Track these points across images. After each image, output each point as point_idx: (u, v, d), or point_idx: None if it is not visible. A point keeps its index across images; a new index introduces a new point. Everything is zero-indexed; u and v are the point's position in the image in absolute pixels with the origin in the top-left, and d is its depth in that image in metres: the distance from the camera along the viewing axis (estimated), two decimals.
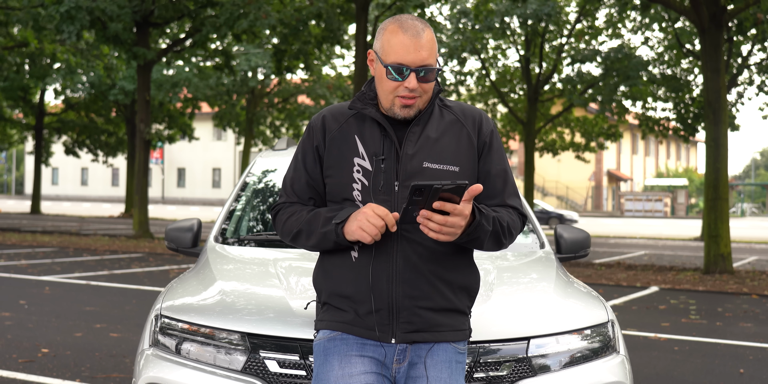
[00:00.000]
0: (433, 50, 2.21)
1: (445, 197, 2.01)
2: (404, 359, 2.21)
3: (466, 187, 2.00)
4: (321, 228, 2.20)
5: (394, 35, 2.19)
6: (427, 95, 2.24)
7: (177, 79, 27.66)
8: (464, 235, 2.11)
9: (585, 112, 30.51)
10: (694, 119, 21.75)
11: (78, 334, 6.85)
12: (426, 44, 2.19)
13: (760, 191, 66.85)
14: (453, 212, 2.02)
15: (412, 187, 1.96)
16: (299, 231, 2.26)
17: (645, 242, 22.90)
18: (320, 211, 2.25)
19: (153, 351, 2.80)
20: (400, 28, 2.19)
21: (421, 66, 2.18)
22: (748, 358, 6.45)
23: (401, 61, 2.17)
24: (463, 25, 22.94)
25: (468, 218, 2.06)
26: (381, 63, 2.21)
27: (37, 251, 15.37)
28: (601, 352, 2.81)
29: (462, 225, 2.05)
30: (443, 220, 2.02)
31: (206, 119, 53.97)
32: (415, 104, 2.22)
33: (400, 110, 2.22)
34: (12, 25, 22.75)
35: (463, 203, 2.03)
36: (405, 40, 2.18)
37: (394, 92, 2.20)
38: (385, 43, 2.21)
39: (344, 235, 2.15)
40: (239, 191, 4.19)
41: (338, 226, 2.16)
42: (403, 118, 2.23)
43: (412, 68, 2.17)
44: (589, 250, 4.00)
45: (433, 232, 2.05)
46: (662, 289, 11.13)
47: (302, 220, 2.26)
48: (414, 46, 2.17)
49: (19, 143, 41.67)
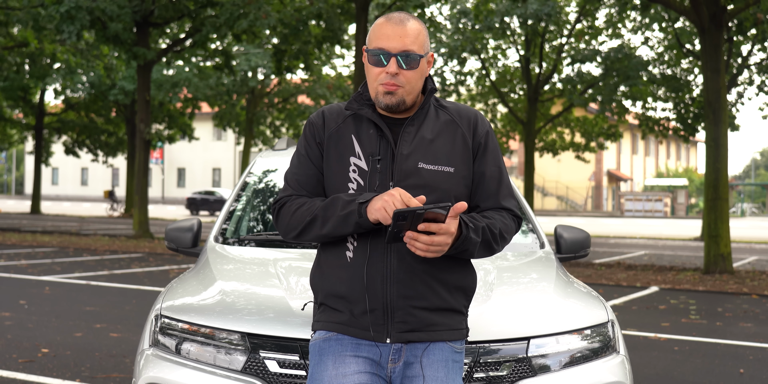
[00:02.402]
0: (418, 39, 2.22)
1: (430, 217, 2.03)
2: (399, 359, 2.22)
3: (449, 207, 2.02)
4: (341, 210, 2.17)
5: (379, 25, 2.25)
6: (412, 86, 2.23)
7: (177, 79, 27.66)
8: (452, 249, 2.13)
9: (585, 112, 30.52)
10: (694, 119, 21.76)
11: (78, 334, 6.85)
12: (410, 32, 2.21)
13: (760, 191, 66.85)
14: (438, 232, 2.05)
15: (395, 213, 1.99)
16: (313, 218, 2.22)
17: (645, 242, 22.91)
18: (339, 196, 2.22)
19: (153, 351, 2.80)
20: (386, 19, 2.25)
21: (403, 51, 2.20)
22: (748, 358, 6.45)
23: (382, 46, 2.20)
24: (463, 25, 22.95)
25: (455, 234, 2.09)
26: (366, 51, 2.25)
27: (37, 251, 15.37)
28: (601, 352, 2.81)
29: (448, 242, 2.08)
30: (429, 240, 2.05)
31: (206, 119, 53.97)
32: (398, 92, 2.22)
33: (383, 97, 2.22)
34: (12, 25, 22.76)
35: (448, 220, 2.05)
36: (388, 27, 2.22)
37: (377, 80, 2.22)
38: (371, 33, 2.26)
39: (367, 214, 2.14)
40: (239, 191, 4.19)
41: (362, 205, 2.14)
42: (386, 106, 2.23)
43: (392, 53, 2.20)
44: (589, 250, 3.99)
45: (420, 250, 2.07)
46: (662, 289, 11.13)
47: (315, 207, 2.23)
48: (396, 33, 2.20)
49: (19, 143, 41.69)
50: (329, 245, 2.29)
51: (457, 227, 2.08)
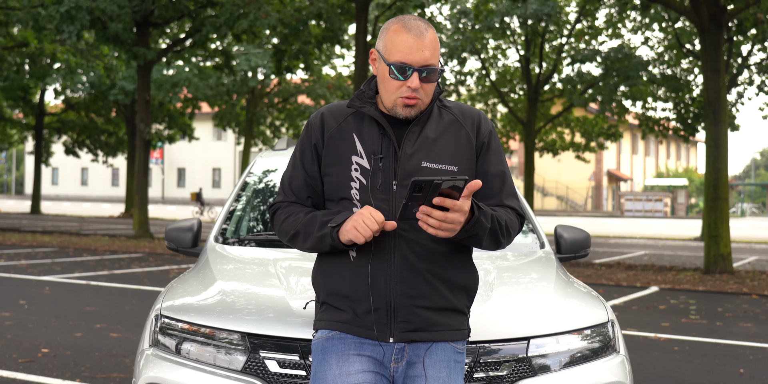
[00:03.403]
0: (436, 51, 2.21)
1: (444, 193, 2.01)
2: (402, 358, 2.22)
3: (466, 182, 2.00)
4: (317, 232, 2.21)
5: (397, 35, 2.20)
6: (429, 97, 2.24)
7: (177, 79, 27.66)
8: (463, 232, 2.11)
9: (585, 112, 30.51)
10: (694, 119, 21.75)
11: (78, 334, 6.85)
12: (429, 44, 2.19)
13: (760, 191, 66.83)
14: (452, 208, 2.03)
15: (412, 182, 1.96)
16: (296, 233, 2.27)
17: (645, 242, 22.90)
18: (317, 215, 2.25)
19: (153, 351, 2.80)
20: (404, 28, 2.20)
21: (424, 66, 2.18)
22: (748, 358, 6.45)
23: (404, 61, 2.18)
24: (463, 25, 22.94)
25: (467, 214, 2.07)
26: (384, 62, 2.21)
27: (37, 251, 15.37)
28: (601, 352, 2.81)
29: (461, 221, 2.05)
30: (443, 216, 2.03)
31: (206, 119, 53.97)
32: (417, 104, 2.22)
33: (403, 110, 2.22)
34: (12, 25, 22.75)
35: (462, 199, 2.03)
36: (408, 39, 2.18)
37: (396, 92, 2.21)
38: (388, 42, 2.21)
39: (339, 236, 2.15)
40: (239, 191, 4.19)
41: (334, 229, 2.16)
42: (405, 117, 2.24)
43: (415, 68, 2.18)
44: (589, 250, 3.99)
45: (432, 228, 2.05)
46: (662, 289, 11.12)
47: (299, 222, 2.26)
48: (417, 46, 2.17)
49: (19, 143, 41.68)
50: None
51: (470, 207, 2.07)
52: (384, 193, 2.21)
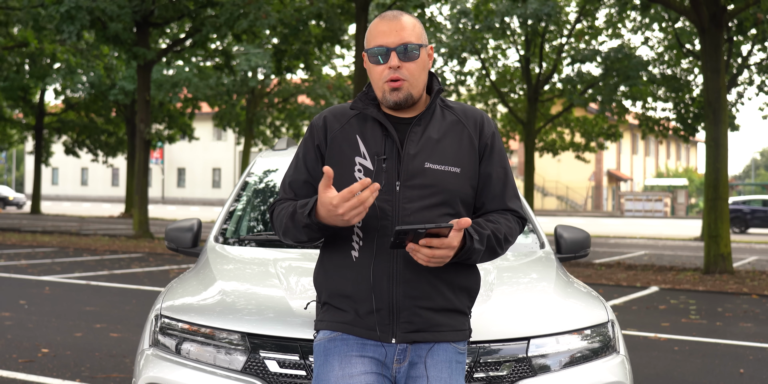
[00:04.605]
0: (415, 31, 2.24)
1: (433, 233, 2.04)
2: (404, 359, 2.22)
3: (451, 228, 2.03)
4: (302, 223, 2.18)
5: (374, 25, 2.26)
6: (415, 79, 2.23)
7: (177, 79, 27.65)
8: (455, 259, 2.15)
9: (585, 112, 30.51)
10: (694, 119, 21.75)
11: (78, 334, 6.85)
12: (405, 26, 2.23)
13: (760, 191, 66.82)
14: (440, 246, 2.06)
15: (396, 231, 2.00)
16: (287, 228, 2.24)
17: (645, 242, 22.90)
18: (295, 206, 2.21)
19: (153, 351, 2.80)
20: (379, 18, 2.26)
21: (401, 44, 2.21)
22: (748, 358, 6.45)
23: (380, 43, 2.21)
24: (463, 25, 22.95)
25: (457, 247, 2.10)
26: (366, 53, 2.26)
27: (37, 251, 15.37)
28: (601, 352, 2.81)
29: (450, 255, 2.09)
30: (430, 253, 2.07)
31: (206, 119, 53.96)
32: (403, 86, 2.22)
33: (390, 95, 2.22)
34: (12, 25, 22.75)
35: (452, 234, 2.06)
36: (382, 25, 2.24)
37: (381, 78, 2.22)
38: (368, 34, 2.27)
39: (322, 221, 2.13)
40: (239, 191, 4.19)
41: (310, 217, 2.14)
42: (395, 103, 2.22)
43: (391, 48, 2.20)
44: (589, 250, 3.99)
45: (422, 261, 2.09)
46: (662, 289, 11.12)
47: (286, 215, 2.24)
48: (391, 28, 2.22)
49: (19, 143, 41.66)
50: (333, 244, 2.28)
51: (460, 240, 2.10)
52: (387, 194, 2.20)
